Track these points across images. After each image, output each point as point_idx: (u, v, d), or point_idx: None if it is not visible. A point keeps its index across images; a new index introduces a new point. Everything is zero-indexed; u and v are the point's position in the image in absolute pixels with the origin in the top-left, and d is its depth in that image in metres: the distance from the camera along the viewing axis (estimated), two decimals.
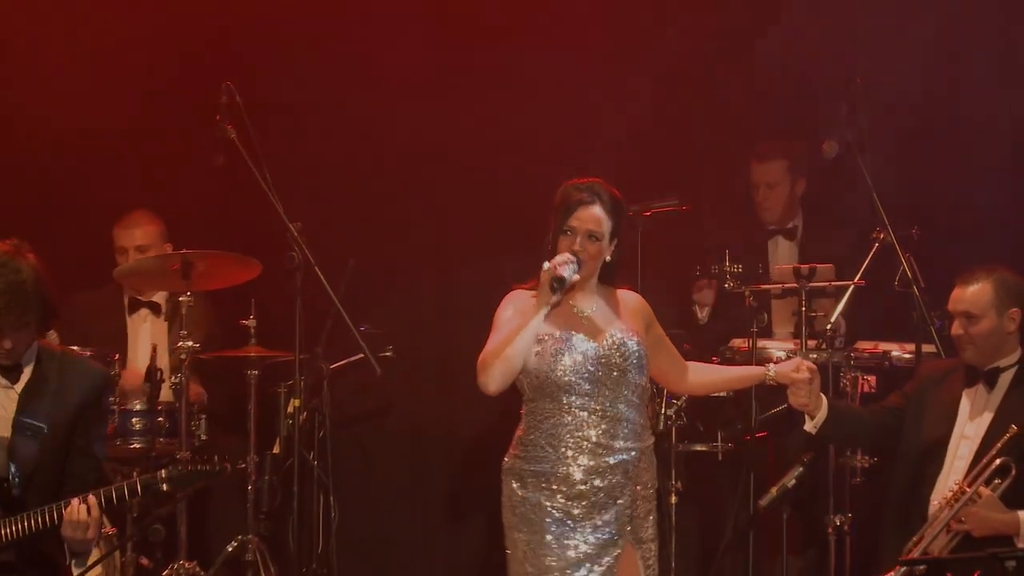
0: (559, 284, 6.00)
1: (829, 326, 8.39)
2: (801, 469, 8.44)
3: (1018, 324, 7.12)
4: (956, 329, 7.15)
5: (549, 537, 6.11)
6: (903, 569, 6.91)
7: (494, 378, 6.07)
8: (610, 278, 6.37)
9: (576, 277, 6.07)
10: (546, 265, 6.07)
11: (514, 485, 6.20)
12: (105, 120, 9.12)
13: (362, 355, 8.15)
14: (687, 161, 9.54)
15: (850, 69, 8.82)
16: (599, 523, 6.12)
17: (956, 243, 9.05)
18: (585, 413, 6.14)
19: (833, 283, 8.56)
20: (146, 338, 8.88)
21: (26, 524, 6.01)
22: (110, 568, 8.09)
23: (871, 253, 8.44)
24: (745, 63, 9.52)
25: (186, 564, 8.09)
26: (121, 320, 8.95)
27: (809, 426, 7.07)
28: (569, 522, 6.10)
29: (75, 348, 8.22)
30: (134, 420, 8.35)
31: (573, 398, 6.14)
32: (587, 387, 6.14)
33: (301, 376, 8.43)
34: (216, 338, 8.59)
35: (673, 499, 8.70)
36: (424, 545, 9.69)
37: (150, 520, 8.13)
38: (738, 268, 8.71)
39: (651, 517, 6.27)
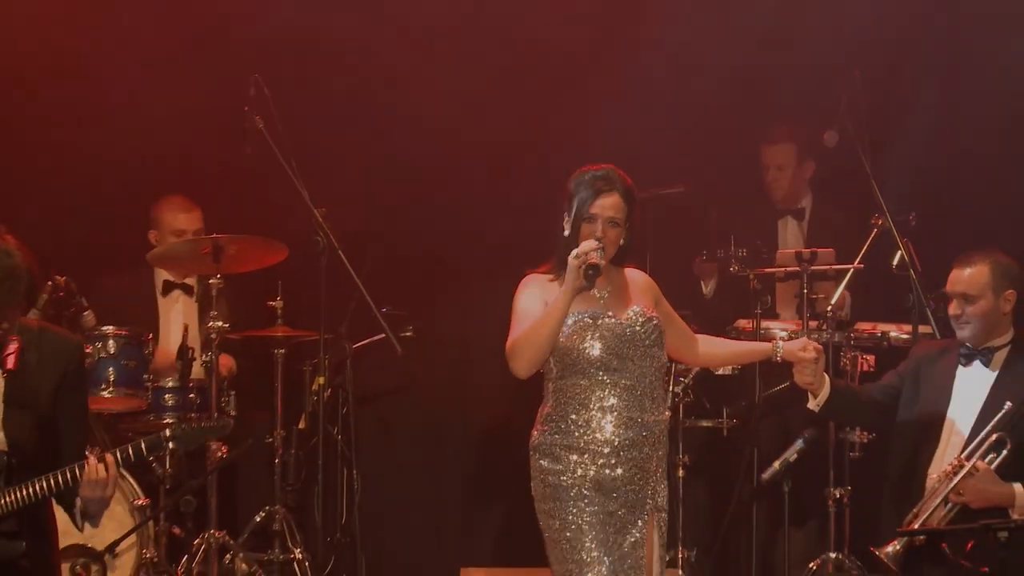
0: (594, 271, 6.01)
1: (831, 306, 8.41)
2: (802, 444, 8.47)
3: (1013, 305, 7.12)
4: (954, 309, 7.12)
5: (584, 507, 6.10)
6: (903, 540, 6.93)
7: (525, 364, 6.08)
8: (619, 259, 6.35)
9: (603, 262, 6.08)
10: (574, 253, 6.03)
11: (543, 462, 6.18)
12: (138, 109, 9.15)
13: (383, 335, 8.18)
14: (698, 146, 9.51)
15: (850, 62, 8.83)
16: (630, 492, 6.13)
17: (952, 228, 9.05)
18: (614, 388, 6.14)
19: (833, 266, 8.57)
20: (178, 318, 8.91)
21: (31, 491, 6.00)
22: (144, 537, 8.15)
23: (870, 238, 8.46)
24: (756, 50, 9.52)
25: (216, 533, 8.09)
26: (153, 301, 8.94)
27: (812, 404, 7.07)
28: (602, 492, 6.10)
29: (110, 328, 8.31)
30: (167, 396, 8.37)
31: (602, 374, 6.14)
32: (615, 363, 6.13)
33: (325, 355, 8.49)
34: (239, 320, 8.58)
35: (681, 472, 8.74)
36: (440, 515, 9.72)
37: (182, 492, 8.21)
38: (743, 252, 8.72)
39: (663, 484, 6.27)
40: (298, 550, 8.37)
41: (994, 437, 6.87)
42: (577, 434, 6.14)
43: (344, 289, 8.23)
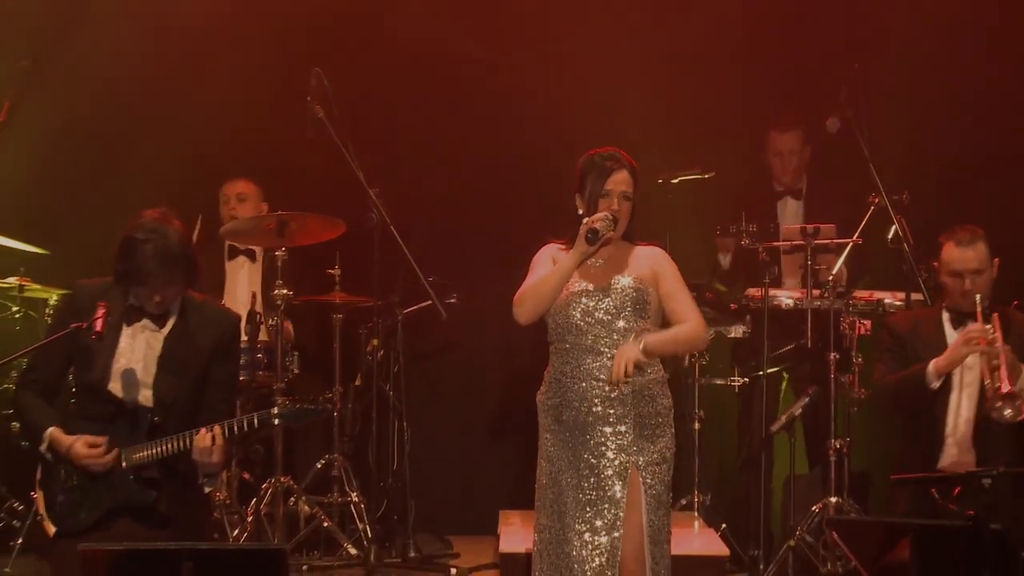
0: (593, 235, 5.98)
1: (831, 277, 8.42)
2: (807, 399, 8.53)
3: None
4: (968, 285, 7.06)
5: (561, 462, 6.10)
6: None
7: (527, 312, 6.09)
8: (629, 236, 6.29)
9: (611, 232, 6.06)
10: (585, 221, 6.06)
11: (541, 416, 6.23)
12: (216, 100, 9.21)
13: (430, 302, 8.18)
14: (709, 132, 9.53)
15: (850, 55, 8.83)
16: (596, 442, 6.07)
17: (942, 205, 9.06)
18: (587, 350, 6.10)
19: (834, 240, 8.58)
20: (243, 283, 8.98)
21: (165, 447, 6.09)
22: (217, 482, 8.21)
23: (867, 215, 8.47)
24: (759, 44, 9.54)
25: (282, 479, 8.12)
26: (222, 269, 9.00)
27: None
28: (576, 445, 6.08)
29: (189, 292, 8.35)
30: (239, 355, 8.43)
31: (579, 338, 6.12)
32: (596, 328, 6.11)
33: (379, 319, 8.54)
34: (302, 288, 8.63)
35: (697, 425, 8.78)
36: (481, 463, 9.76)
37: (252, 442, 8.27)
38: (752, 227, 8.73)
39: (660, 442, 6.15)
40: (354, 494, 8.46)
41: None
42: (560, 394, 6.14)
43: (395, 260, 8.23)
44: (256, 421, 6.17)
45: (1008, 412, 6.79)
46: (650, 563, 6.06)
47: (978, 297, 7.27)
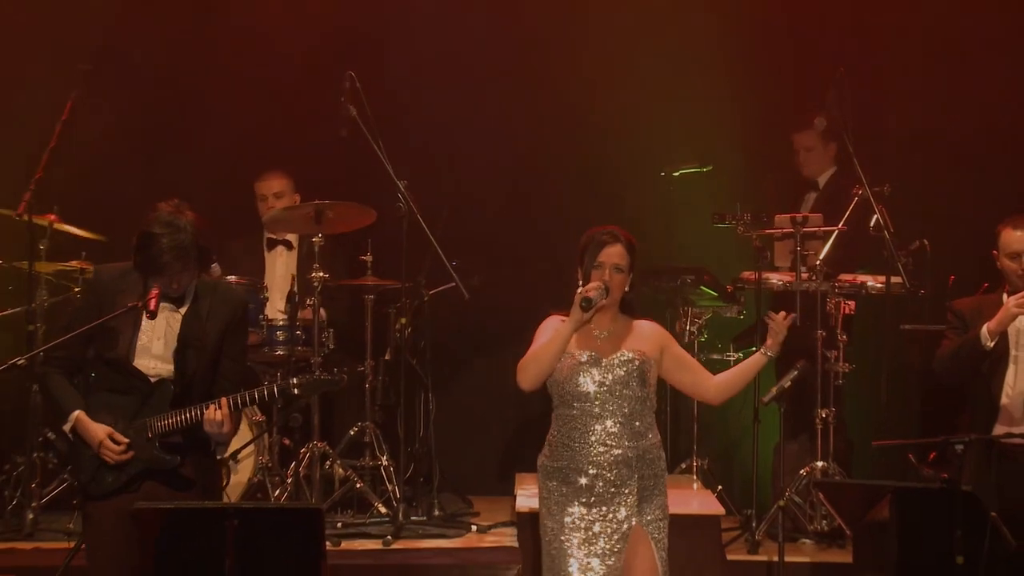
0: (587, 304, 5.87)
1: (819, 260, 8.42)
2: (796, 373, 8.50)
3: None
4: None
5: (568, 520, 5.98)
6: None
7: (529, 378, 5.99)
8: (629, 309, 6.18)
9: (603, 301, 5.95)
10: (579, 291, 5.96)
11: (542, 479, 6.09)
12: (257, 99, 9.24)
13: (454, 283, 8.19)
14: (710, 129, 9.51)
15: (836, 60, 8.81)
16: (609, 507, 5.97)
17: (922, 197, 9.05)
18: (601, 418, 6.00)
19: (821, 228, 8.58)
20: (283, 269, 8.99)
21: (187, 415, 6.10)
22: (260, 446, 8.25)
23: (851, 205, 8.47)
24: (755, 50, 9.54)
25: (318, 444, 8.17)
26: (262, 256, 9.01)
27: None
28: (585, 507, 5.96)
29: (232, 278, 8.38)
30: (278, 333, 8.45)
31: (587, 405, 6.01)
32: (598, 396, 6.01)
33: (407, 299, 8.55)
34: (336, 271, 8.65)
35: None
36: (499, 430, 9.79)
37: (291, 410, 8.28)
38: (747, 217, 8.73)
39: (658, 499, 6.08)
40: (384, 458, 8.46)
41: None
42: (565, 458, 6.01)
43: (421, 246, 8.23)
44: (276, 391, 6.19)
45: None
46: None
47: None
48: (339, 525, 8.04)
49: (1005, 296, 6.89)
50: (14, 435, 8.49)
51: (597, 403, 6.02)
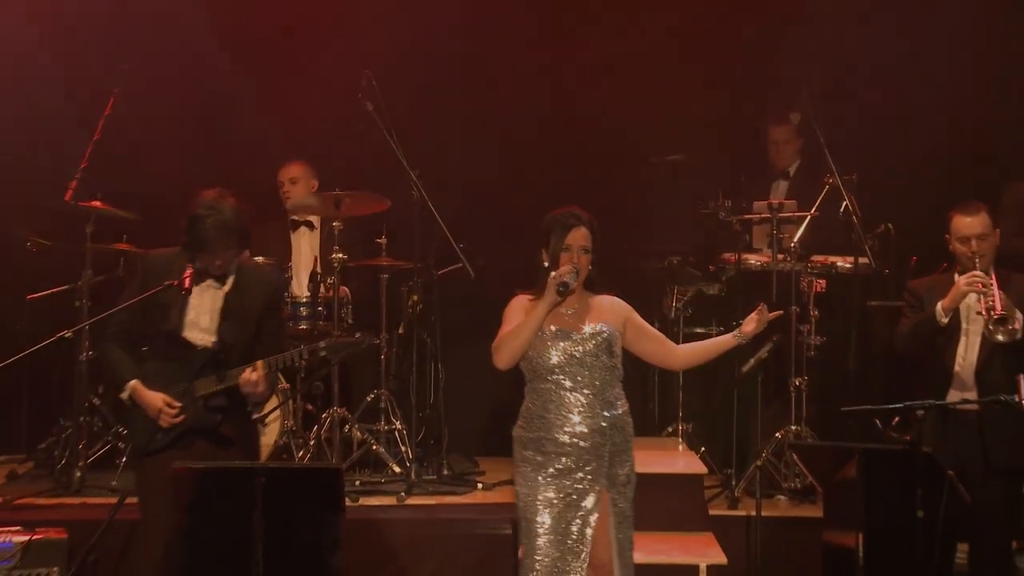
0: (564, 288, 5.76)
1: (793, 243, 8.42)
2: (772, 344, 8.53)
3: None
4: (973, 247, 6.80)
5: (542, 487, 5.83)
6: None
7: (505, 358, 5.85)
8: (592, 286, 6.02)
9: (575, 283, 5.84)
10: (553, 275, 5.81)
11: (518, 448, 5.94)
12: (282, 95, 9.25)
13: (461, 264, 8.19)
14: (694, 122, 9.52)
15: (810, 60, 8.82)
16: (581, 474, 5.82)
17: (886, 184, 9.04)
18: (573, 390, 5.85)
19: (796, 214, 8.59)
20: (306, 250, 8.99)
21: (224, 380, 6.22)
22: (285, 412, 8.26)
23: (823, 193, 8.48)
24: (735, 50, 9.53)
25: (338, 410, 8.18)
26: (287, 238, 9.00)
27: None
28: (558, 474, 5.82)
29: (260, 258, 8.38)
30: (302, 309, 8.44)
31: (559, 378, 5.86)
32: (569, 368, 5.86)
33: (418, 279, 8.55)
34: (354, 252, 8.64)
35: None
36: (501, 397, 9.71)
37: (313, 379, 8.31)
38: (727, 203, 8.74)
39: (627, 466, 5.93)
40: (398, 422, 8.46)
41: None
42: (540, 429, 5.87)
43: (432, 230, 8.23)
44: (307, 353, 6.31)
45: (1001, 336, 6.62)
46: (618, 574, 5.88)
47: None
48: (357, 483, 8.06)
49: (956, 276, 6.88)
50: (62, 401, 8.51)
51: (569, 376, 5.87)
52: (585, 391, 5.87)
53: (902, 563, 5.98)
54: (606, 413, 5.88)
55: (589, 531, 5.82)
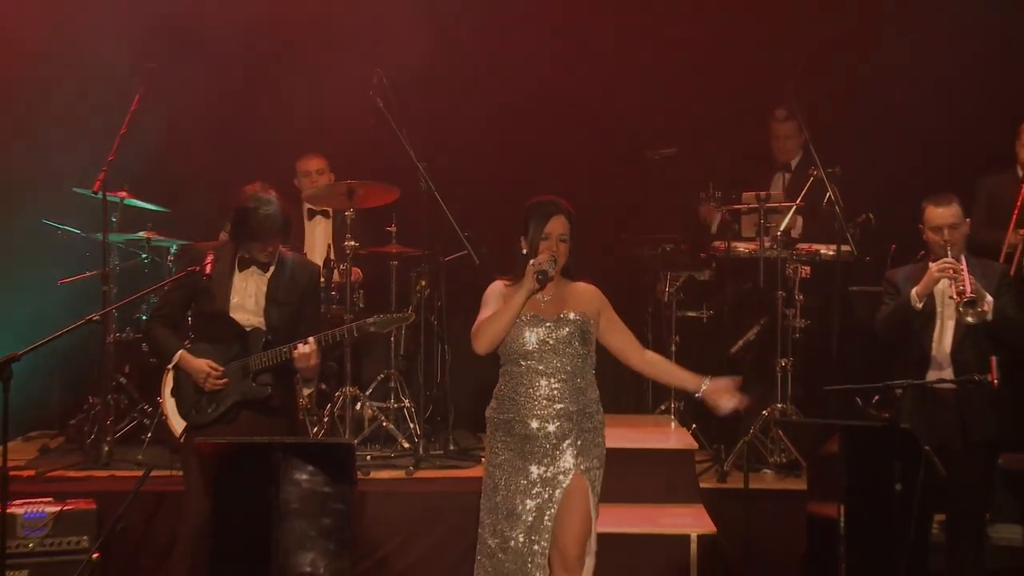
0: (543, 276, 5.59)
1: (780, 231, 8.43)
2: (759, 328, 8.55)
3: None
4: (946, 236, 6.77)
5: (511, 467, 5.69)
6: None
7: (484, 343, 5.66)
8: (568, 273, 5.84)
9: (553, 271, 5.66)
10: (532, 263, 5.64)
11: (490, 428, 5.81)
12: (298, 91, 9.24)
13: (466, 251, 8.18)
14: (688, 117, 9.51)
15: (794, 59, 8.80)
16: (551, 457, 5.66)
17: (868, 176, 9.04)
18: (545, 374, 5.68)
19: (782, 204, 8.59)
20: (320, 237, 8.97)
21: (275, 356, 6.33)
22: (313, 384, 8.28)
23: (807, 184, 8.48)
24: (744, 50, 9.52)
25: (350, 388, 8.18)
26: (302, 226, 8.98)
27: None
28: (526, 456, 5.67)
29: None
30: None
31: (532, 363, 5.69)
32: (541, 354, 5.69)
33: (425, 265, 8.56)
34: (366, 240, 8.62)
35: (673, 347, 8.81)
36: None
37: (327, 359, 8.31)
38: (718, 194, 8.74)
39: (596, 450, 5.74)
40: (406, 400, 8.45)
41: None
42: (511, 411, 5.71)
43: (439, 219, 8.21)
44: (356, 330, 6.44)
45: (971, 317, 6.61)
46: (590, 544, 5.73)
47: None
48: (368, 458, 8.06)
49: (931, 264, 6.89)
50: (91, 380, 8.52)
51: (542, 361, 5.70)
52: (557, 377, 5.70)
53: (881, 533, 5.99)
54: (576, 399, 5.71)
55: (551, 512, 5.66)
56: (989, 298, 6.65)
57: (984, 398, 6.60)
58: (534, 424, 5.69)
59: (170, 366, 6.40)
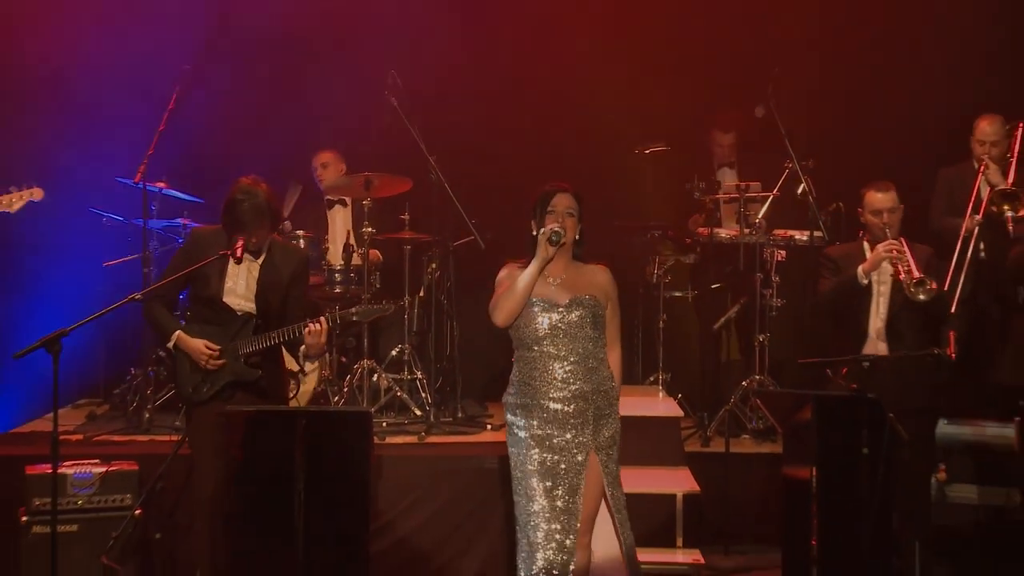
0: (556, 238, 5.36)
1: (758, 218, 8.42)
2: (739, 306, 8.53)
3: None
4: (885, 219, 6.79)
5: (532, 448, 5.44)
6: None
7: (503, 315, 5.42)
8: (580, 255, 5.60)
9: (565, 236, 5.42)
10: (542, 230, 5.43)
11: (508, 415, 5.56)
12: (319, 91, 9.19)
13: (472, 237, 8.18)
14: (674, 115, 9.48)
15: (773, 62, 8.77)
16: (567, 437, 5.44)
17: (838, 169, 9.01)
18: (553, 357, 5.43)
19: (760, 194, 8.58)
20: (340, 225, 8.95)
21: (270, 340, 6.23)
22: (323, 363, 8.26)
23: (783, 176, 8.46)
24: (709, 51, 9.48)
25: (367, 361, 8.19)
26: (323, 214, 8.98)
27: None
28: (545, 439, 5.43)
29: (301, 232, 8.42)
30: (336, 275, 8.45)
31: (545, 347, 5.43)
32: (554, 337, 5.43)
33: (436, 249, 8.55)
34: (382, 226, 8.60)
35: (661, 324, 8.80)
36: (508, 351, 9.71)
37: (345, 335, 8.31)
38: (702, 185, 8.73)
39: (611, 428, 5.52)
40: (418, 372, 8.46)
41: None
42: (527, 395, 5.47)
43: (448, 207, 8.21)
44: (338, 318, 6.29)
45: (922, 295, 6.61)
46: (618, 528, 5.52)
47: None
48: (384, 424, 8.06)
49: (865, 244, 6.90)
50: (133, 353, 8.53)
51: (555, 345, 5.44)
52: (570, 359, 5.44)
53: (849, 492, 5.99)
54: (590, 378, 5.46)
55: (580, 491, 5.45)
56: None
57: (929, 369, 6.61)
58: (551, 406, 5.45)
59: (169, 344, 6.29)
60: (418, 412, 8.24)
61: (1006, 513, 7.11)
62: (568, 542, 5.41)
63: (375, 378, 8.29)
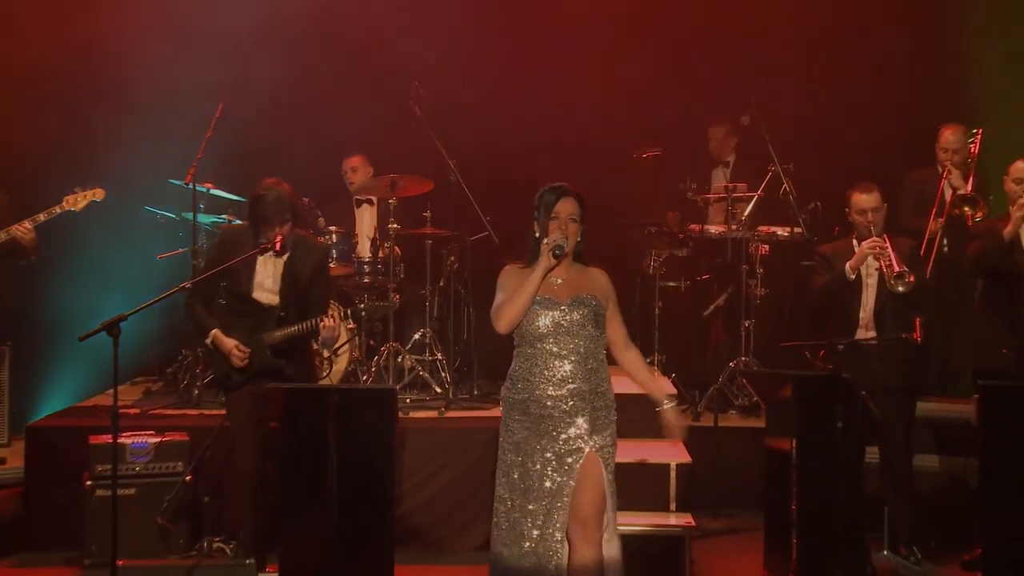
0: (560, 251, 5.02)
1: (744, 216, 8.41)
2: (727, 295, 8.52)
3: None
4: (869, 218, 6.72)
5: (525, 443, 5.08)
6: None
7: (505, 321, 5.08)
8: (581, 258, 5.22)
9: (568, 246, 5.09)
10: (545, 241, 5.06)
11: (504, 408, 5.19)
12: (348, 98, 9.18)
13: (487, 233, 8.16)
14: (669, 121, 9.45)
15: (758, 73, 8.75)
16: (564, 436, 5.06)
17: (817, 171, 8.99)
18: (554, 355, 5.07)
19: (746, 194, 8.56)
20: (368, 222, 8.92)
21: (293, 329, 6.26)
22: (353, 345, 8.28)
23: (767, 178, 8.45)
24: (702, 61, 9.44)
25: (393, 344, 8.18)
26: (352, 212, 8.98)
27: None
28: (541, 434, 5.06)
29: (333, 228, 8.42)
30: (365, 267, 8.44)
31: (546, 344, 5.06)
32: (555, 336, 5.07)
33: (455, 244, 8.55)
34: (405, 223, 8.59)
35: (657, 312, 8.77)
36: None
37: (373, 321, 8.30)
38: (693, 185, 8.72)
39: (608, 429, 5.14)
40: (439, 354, 8.44)
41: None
42: (524, 391, 5.09)
43: (466, 206, 8.18)
44: (348, 312, 6.39)
45: (901, 287, 6.59)
46: (608, 519, 5.11)
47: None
48: (407, 401, 8.06)
49: (854, 241, 6.89)
50: (184, 336, 8.55)
51: (556, 343, 5.07)
52: (570, 358, 5.07)
53: (826, 462, 5.99)
54: (588, 379, 5.10)
55: (569, 488, 5.04)
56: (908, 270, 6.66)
57: (903, 352, 6.60)
58: (549, 403, 5.07)
59: (207, 341, 6.33)
60: (438, 390, 8.24)
61: (963, 479, 7.15)
62: (532, 521, 5.08)
63: (400, 359, 8.28)
